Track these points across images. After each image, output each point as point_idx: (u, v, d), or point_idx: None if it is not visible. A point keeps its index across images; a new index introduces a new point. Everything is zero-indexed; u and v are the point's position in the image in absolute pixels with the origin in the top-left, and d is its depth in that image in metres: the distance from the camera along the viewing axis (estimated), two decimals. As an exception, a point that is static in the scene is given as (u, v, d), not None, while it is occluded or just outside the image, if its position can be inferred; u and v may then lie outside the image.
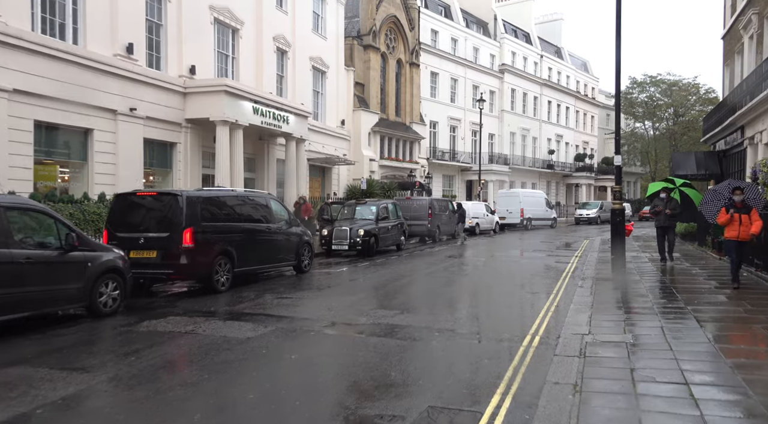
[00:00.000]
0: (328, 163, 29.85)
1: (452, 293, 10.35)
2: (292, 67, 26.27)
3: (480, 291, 10.55)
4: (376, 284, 11.59)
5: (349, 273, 13.34)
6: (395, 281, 12.02)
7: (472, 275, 13.05)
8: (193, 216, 9.47)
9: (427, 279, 12.42)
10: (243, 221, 10.83)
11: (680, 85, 67.61)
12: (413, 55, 37.22)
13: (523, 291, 10.50)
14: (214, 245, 9.89)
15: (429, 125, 40.01)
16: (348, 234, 16.81)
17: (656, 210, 13.13)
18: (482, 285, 11.36)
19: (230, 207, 10.57)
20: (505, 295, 10.14)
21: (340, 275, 13.10)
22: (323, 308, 8.55)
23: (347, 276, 12.82)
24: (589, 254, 17.22)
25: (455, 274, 13.47)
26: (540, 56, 52.89)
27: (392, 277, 12.65)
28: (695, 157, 23.09)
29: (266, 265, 11.56)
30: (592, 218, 43.14)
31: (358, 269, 14.08)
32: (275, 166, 24.17)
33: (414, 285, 11.41)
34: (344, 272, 13.53)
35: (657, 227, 13.55)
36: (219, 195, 10.64)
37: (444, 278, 12.33)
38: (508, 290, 10.67)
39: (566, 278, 12.01)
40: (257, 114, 20.51)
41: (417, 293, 10.14)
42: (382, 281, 11.84)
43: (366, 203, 18.61)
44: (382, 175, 34.27)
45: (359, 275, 12.95)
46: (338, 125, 31.19)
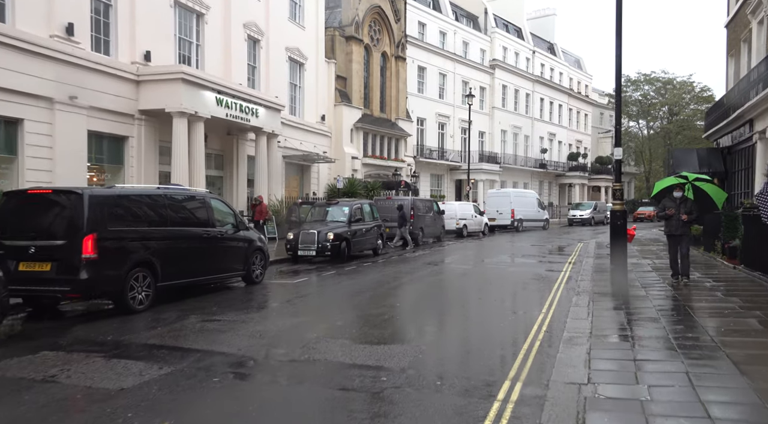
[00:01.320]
0: (306, 161, 28.04)
1: (419, 315, 8.53)
2: (265, 58, 24.44)
3: (454, 311, 8.74)
4: (334, 299, 9.83)
5: (307, 285, 11.56)
6: (357, 295, 10.25)
7: (450, 289, 11.30)
8: (98, 219, 7.65)
9: (395, 293, 10.65)
10: (172, 225, 9.02)
11: (675, 83, 66.38)
12: (399, 48, 35.47)
13: (507, 311, 8.71)
14: (129, 255, 8.07)
15: (416, 122, 38.28)
16: (315, 238, 15.03)
17: (667, 214, 10.05)
18: (458, 303, 9.59)
19: (154, 208, 8.76)
20: (484, 317, 8.33)
21: (297, 287, 11.31)
22: (253, 336, 6.77)
23: (303, 289, 11.04)
24: (584, 259, 15.52)
25: (430, 286, 11.72)
26: (532, 52, 51.28)
27: (355, 290, 10.88)
28: (697, 155, 21.46)
29: (204, 276, 9.74)
30: (585, 219, 41.54)
31: (320, 280, 12.30)
32: (246, 164, 22.33)
33: (376, 302, 9.63)
34: (302, 283, 11.74)
35: (668, 236, 10.55)
36: (138, 193, 8.81)
37: (415, 293, 10.56)
38: (487, 311, 8.84)
39: (558, 291, 10.29)
40: (221, 106, 18.67)
41: (376, 314, 8.37)
42: (341, 296, 10.08)
43: (338, 204, 16.83)
44: (366, 174, 32.49)
45: (318, 288, 11.18)
46: (318, 121, 29.38)
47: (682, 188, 10.16)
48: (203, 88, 17.81)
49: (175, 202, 9.26)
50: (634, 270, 12.30)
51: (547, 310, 8.35)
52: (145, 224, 8.54)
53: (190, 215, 9.53)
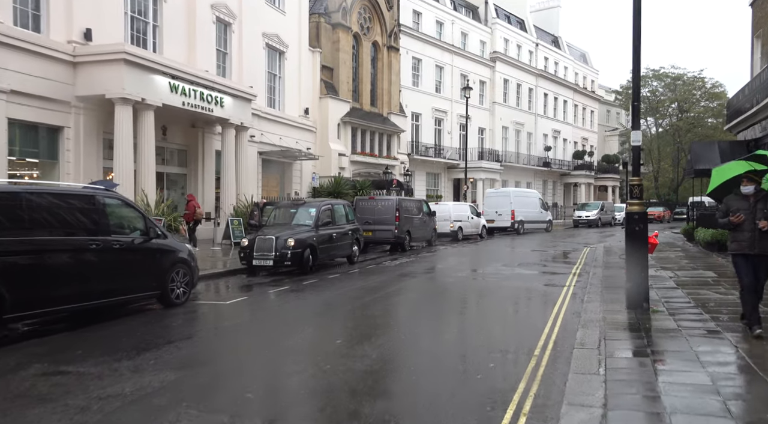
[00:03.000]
0: (287, 158, 25.75)
1: (361, 362, 6.05)
2: (237, 43, 22.15)
3: (411, 360, 6.23)
4: (264, 333, 7.53)
5: (243, 307, 9.22)
6: (297, 325, 7.94)
7: (421, 315, 8.91)
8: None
9: (347, 322, 8.32)
10: (39, 233, 6.72)
11: (685, 79, 63.82)
12: (392, 37, 33.13)
13: (481, 363, 6.13)
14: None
15: (410, 117, 35.91)
16: (273, 245, 12.70)
17: (732, 221, 6.33)
18: (424, 341, 7.18)
19: (8, 211, 6.46)
20: (449, 374, 5.84)
21: (227, 311, 8.98)
22: (86, 410, 4.42)
23: (233, 315, 8.70)
24: (591, 270, 13.13)
25: (396, 309, 9.38)
26: (535, 45, 48.82)
27: (299, 316, 8.56)
28: (719, 148, 18.99)
29: (89, 301, 7.37)
30: (591, 221, 39.10)
31: (263, 300, 9.99)
32: (214, 160, 20.07)
33: (315, 336, 7.30)
34: (238, 304, 9.40)
35: (737, 256, 6.48)
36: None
37: (371, 322, 8.18)
38: (455, 364, 6.25)
39: (558, 318, 7.91)
40: (176, 93, 16.41)
41: (299, 362, 6.05)
42: (276, 328, 7.77)
43: (304, 205, 14.48)
44: (354, 172, 30.18)
45: (253, 313, 8.85)
46: (301, 114, 27.09)
47: (755, 179, 6.34)
48: (153, 71, 15.53)
49: (47, 203, 6.92)
50: (654, 285, 9.90)
51: (540, 356, 5.96)
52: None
53: (73, 220, 7.20)
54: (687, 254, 16.19)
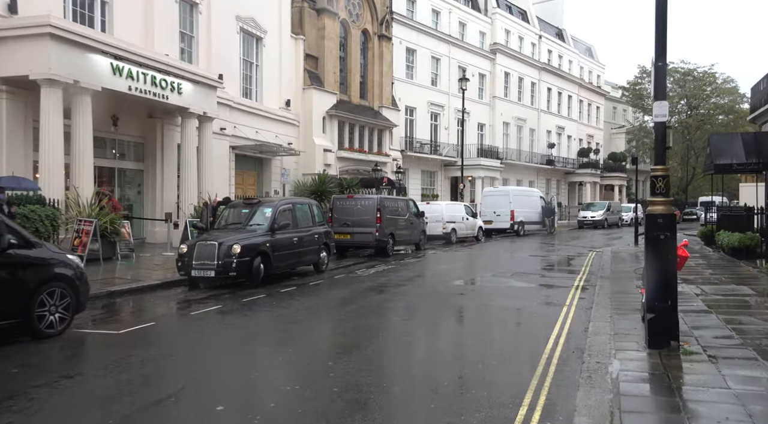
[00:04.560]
0: (264, 154, 23.65)
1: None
2: (206, 26, 20.06)
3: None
4: (134, 382, 5.39)
5: (133, 339, 7.01)
6: (190, 367, 5.82)
7: (373, 352, 6.68)
8: None
9: (266, 360, 6.18)
10: None
11: (695, 74, 61.38)
12: (383, 26, 30.95)
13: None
14: None
15: (404, 111, 33.74)
16: (215, 252, 10.57)
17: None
18: (361, 398, 5.03)
19: None
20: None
21: (111, 343, 6.83)
22: None
23: (111, 351, 6.50)
24: (598, 282, 10.95)
25: (332, 343, 7.21)
26: (538, 37, 46.52)
27: (202, 353, 6.43)
28: (742, 141, 16.71)
29: None
30: (597, 221, 36.83)
31: (171, 326, 7.87)
32: (175, 154, 17.96)
33: (201, 393, 5.18)
34: (133, 334, 7.21)
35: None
36: None
37: (305, 365, 6.04)
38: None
39: (549, 369, 5.71)
40: (120, 75, 14.30)
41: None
42: (155, 375, 5.62)
43: (259, 204, 12.32)
44: (342, 169, 28.03)
45: (139, 348, 6.64)
46: (282, 106, 24.98)
47: None
48: (89, 50, 13.43)
49: None
50: (678, 305, 7.67)
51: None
52: None
53: None
54: (709, 262, 13.97)
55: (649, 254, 5.77)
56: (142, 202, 17.89)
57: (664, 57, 5.61)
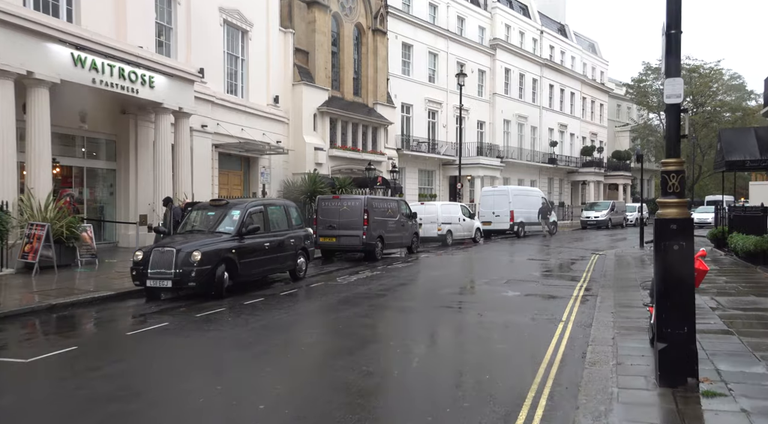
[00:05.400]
0: (252, 152, 22.56)
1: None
2: (185, 17, 19.00)
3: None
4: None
5: (41, 370, 5.89)
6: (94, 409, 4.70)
7: (319, 388, 5.60)
8: None
9: (187, 402, 5.07)
10: None
11: (701, 71, 60.08)
12: (378, 20, 29.82)
13: None
14: None
15: (400, 109, 32.61)
16: (173, 260, 9.48)
17: None
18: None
19: None
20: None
21: (11, 377, 5.73)
22: None
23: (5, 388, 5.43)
24: (600, 292, 9.82)
25: (290, 378, 6.10)
26: (540, 32, 45.30)
27: (117, 388, 5.32)
28: (756, 136, 15.52)
29: None
30: (601, 221, 35.65)
31: (99, 350, 6.72)
32: (150, 153, 16.88)
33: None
34: (45, 363, 6.05)
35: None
36: None
37: (230, 411, 4.94)
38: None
39: (536, 412, 4.60)
40: (82, 67, 13.22)
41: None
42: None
43: (227, 206, 11.21)
44: (334, 168, 26.93)
45: (43, 384, 5.53)
46: (269, 103, 23.90)
47: None
48: (45, 38, 12.36)
49: None
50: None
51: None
52: None
53: None
54: (723, 268, 12.81)
55: (660, 269, 4.64)
56: (114, 204, 16.84)
57: (679, 24, 4.50)
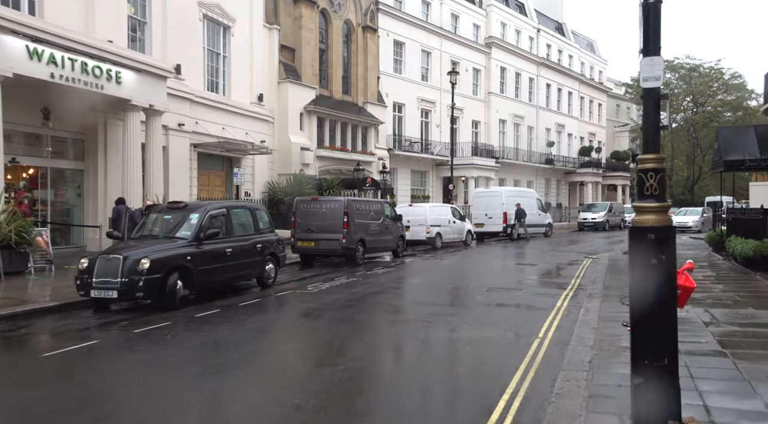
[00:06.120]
0: (233, 152, 21.79)
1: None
2: (161, 11, 18.24)
3: None
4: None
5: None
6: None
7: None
8: None
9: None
10: None
11: (701, 70, 59.30)
12: (368, 16, 29.06)
13: None
14: None
15: (392, 108, 31.83)
16: (119, 268, 8.69)
17: None
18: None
19: None
20: None
21: None
22: None
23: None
24: (585, 304, 9.02)
25: (224, 398, 5.30)
26: (537, 31, 44.50)
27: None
28: (756, 134, 14.72)
29: None
30: (598, 223, 34.83)
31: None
32: (120, 153, 16.09)
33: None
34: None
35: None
36: None
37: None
38: None
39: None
40: (39, 61, 12.46)
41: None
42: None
43: (185, 209, 10.42)
44: (322, 169, 26.15)
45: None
46: (253, 102, 23.14)
47: None
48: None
49: None
50: (679, 341, 5.75)
51: None
52: None
53: None
54: (719, 274, 12.00)
55: (635, 288, 3.84)
56: (82, 206, 16.07)
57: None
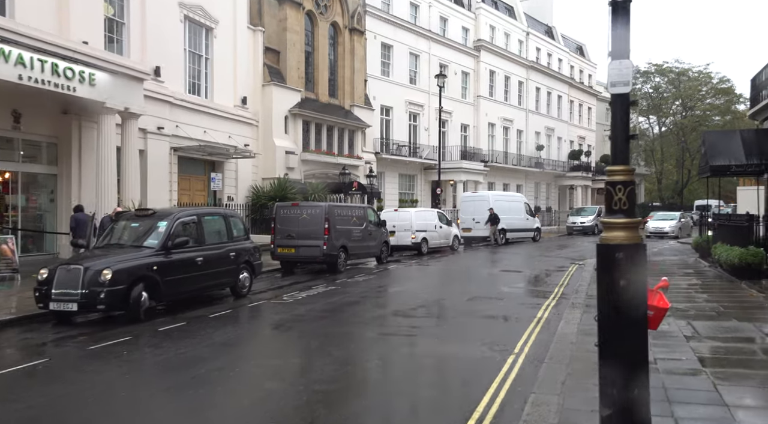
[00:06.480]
0: (216, 156, 21.38)
1: None
2: (139, 12, 17.85)
3: None
4: None
5: None
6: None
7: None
8: None
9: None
10: None
11: (690, 74, 59.51)
12: (355, 19, 28.77)
13: None
14: None
15: (379, 111, 31.52)
16: (80, 279, 8.30)
17: None
18: None
19: None
20: None
21: None
22: None
23: None
24: (566, 315, 8.73)
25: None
26: (526, 34, 44.39)
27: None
28: (742, 139, 14.57)
29: None
30: (587, 227, 34.66)
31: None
32: (94, 157, 15.64)
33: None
34: None
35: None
36: None
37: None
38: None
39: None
40: (6, 61, 12.04)
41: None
42: None
43: (153, 216, 10.04)
44: (307, 173, 25.78)
45: None
46: (237, 105, 22.75)
47: None
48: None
49: None
50: (657, 358, 5.49)
51: None
52: None
53: None
54: (704, 282, 11.76)
55: (603, 311, 3.53)
56: (55, 212, 15.62)
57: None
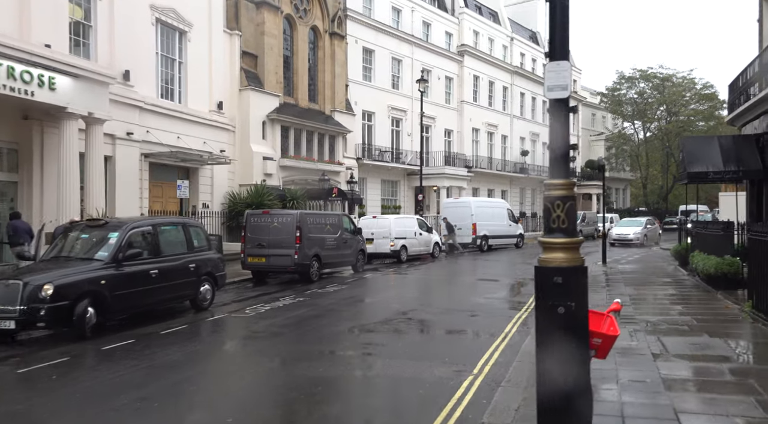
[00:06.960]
0: (190, 162, 20.87)
1: None
2: (107, 15, 17.34)
3: None
4: None
5: None
6: None
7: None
8: None
9: None
10: None
11: (674, 80, 59.80)
12: (335, 23, 28.41)
13: None
14: None
15: (361, 116, 31.15)
16: (19, 294, 7.80)
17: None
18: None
19: None
20: None
21: None
22: None
23: None
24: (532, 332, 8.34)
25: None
26: (510, 39, 44.31)
27: None
28: (719, 145, 14.35)
29: None
30: (571, 234, 34.37)
31: None
32: (56, 164, 15.09)
33: None
34: None
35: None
36: None
37: None
38: None
39: None
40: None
41: None
42: None
43: (105, 227, 9.55)
44: (287, 179, 25.32)
45: None
46: (212, 110, 22.27)
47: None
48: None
49: None
50: (619, 379, 5.12)
51: None
52: None
53: None
54: (680, 292, 11.46)
55: (540, 341, 3.14)
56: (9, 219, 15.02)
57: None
